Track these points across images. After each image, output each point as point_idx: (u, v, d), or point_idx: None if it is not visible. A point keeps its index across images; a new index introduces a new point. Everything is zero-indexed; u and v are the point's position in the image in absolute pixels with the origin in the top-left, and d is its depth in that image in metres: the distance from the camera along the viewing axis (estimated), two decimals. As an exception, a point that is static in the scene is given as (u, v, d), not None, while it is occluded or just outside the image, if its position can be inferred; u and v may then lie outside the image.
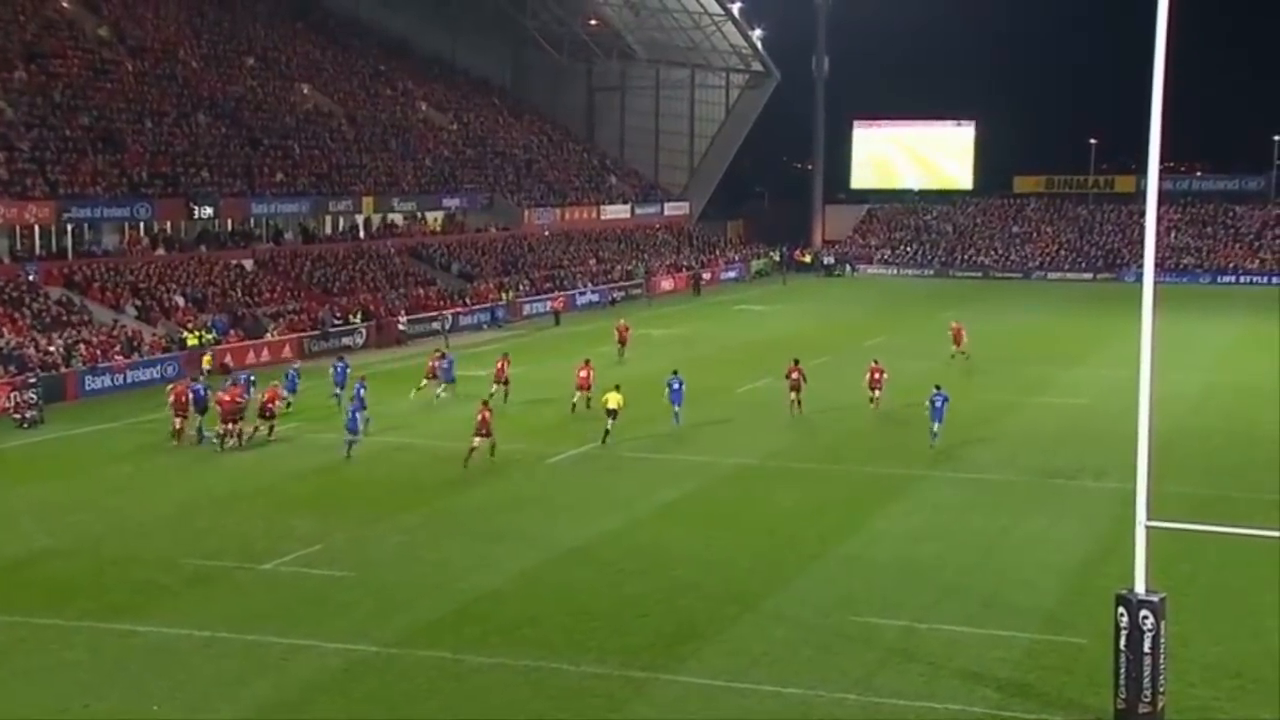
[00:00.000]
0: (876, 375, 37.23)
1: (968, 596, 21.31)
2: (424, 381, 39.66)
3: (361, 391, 34.06)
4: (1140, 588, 15.91)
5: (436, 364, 39.96)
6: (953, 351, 46.55)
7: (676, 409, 34.93)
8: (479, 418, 30.51)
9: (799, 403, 36.66)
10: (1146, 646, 15.76)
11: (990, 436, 34.60)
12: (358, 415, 32.43)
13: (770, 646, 19.04)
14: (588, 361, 38.15)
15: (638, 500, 27.80)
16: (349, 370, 39.41)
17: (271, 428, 33.80)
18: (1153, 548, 16.07)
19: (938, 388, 33.19)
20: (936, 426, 32.28)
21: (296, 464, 31.57)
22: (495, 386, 37.91)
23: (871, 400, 37.04)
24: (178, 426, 33.44)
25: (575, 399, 37.13)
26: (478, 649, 18.90)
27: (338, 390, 38.42)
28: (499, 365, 39.27)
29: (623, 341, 46.97)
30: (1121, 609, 15.91)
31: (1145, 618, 15.75)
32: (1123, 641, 15.90)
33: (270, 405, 33.98)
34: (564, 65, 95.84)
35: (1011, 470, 30.50)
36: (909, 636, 19.47)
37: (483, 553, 23.83)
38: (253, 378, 38.27)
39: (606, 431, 32.91)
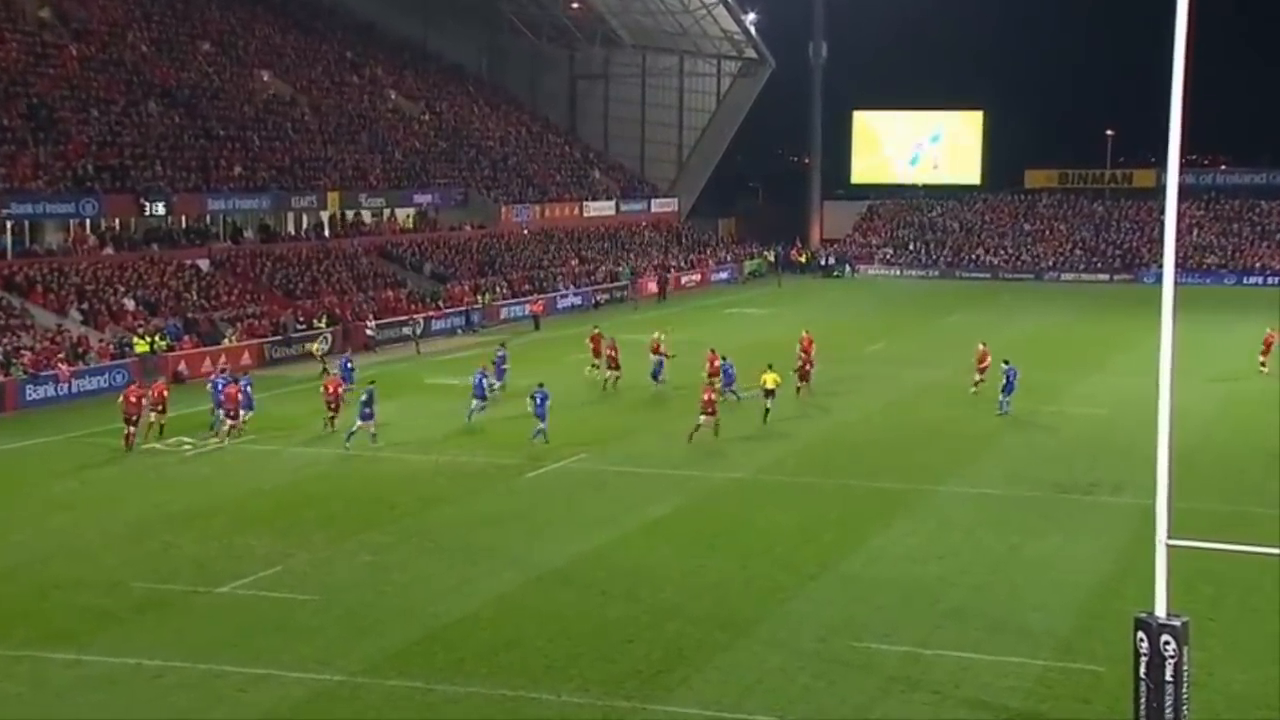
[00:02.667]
0: (985, 360, 40.66)
1: (976, 620, 21.36)
2: (595, 361, 44.02)
3: (483, 379, 37.80)
4: (1161, 611, 15.93)
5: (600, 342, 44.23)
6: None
7: (733, 389, 39.17)
8: (705, 397, 34.43)
9: (804, 388, 40.34)
10: (1168, 674, 15.77)
11: (1000, 448, 34.71)
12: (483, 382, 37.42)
13: (764, 674, 19.06)
14: (714, 350, 41.33)
15: (623, 517, 27.82)
16: (508, 360, 42.41)
17: (333, 419, 36.15)
18: (1174, 568, 16.10)
19: (1006, 362, 38.36)
20: (1007, 397, 37.71)
21: (256, 479, 31.51)
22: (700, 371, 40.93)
23: (975, 384, 40.37)
24: (129, 433, 34.32)
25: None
26: (451, 677, 18.88)
27: (496, 383, 40.35)
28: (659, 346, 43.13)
29: (656, 351, 44.22)
30: (1141, 634, 15.92)
31: (1167, 643, 15.77)
32: (1142, 669, 15.92)
33: (335, 396, 36.39)
34: (544, 51, 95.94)
35: (1022, 484, 30.58)
36: (913, 663, 19.51)
37: (457, 574, 23.82)
38: (350, 364, 41.90)
39: (766, 410, 36.59)
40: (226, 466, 32.96)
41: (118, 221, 56.04)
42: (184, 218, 58.52)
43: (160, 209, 55.73)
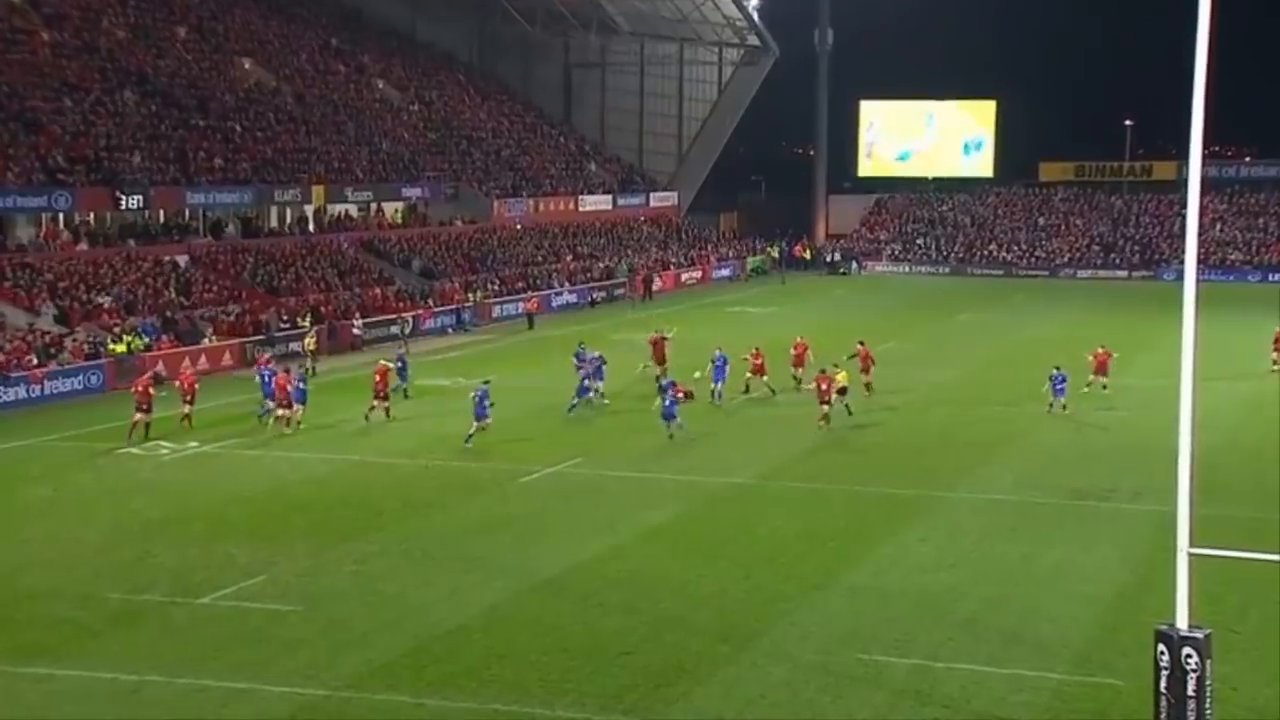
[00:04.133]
0: (1103, 360, 41.77)
1: (988, 632, 21.36)
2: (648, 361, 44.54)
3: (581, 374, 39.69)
4: (1182, 622, 15.92)
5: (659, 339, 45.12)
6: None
7: (718, 386, 40.45)
8: (823, 386, 35.85)
9: (867, 385, 40.95)
10: (1190, 688, 15.76)
11: (1014, 453, 34.70)
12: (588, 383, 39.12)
13: (768, 688, 19.06)
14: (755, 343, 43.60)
15: (620, 524, 27.81)
16: (604, 364, 42.04)
17: (387, 409, 37.52)
18: (1196, 578, 16.10)
19: (1057, 368, 39.41)
20: (1061, 399, 38.95)
21: (237, 485, 31.50)
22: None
23: (1090, 385, 40.98)
24: (136, 420, 35.15)
25: (797, 374, 42.30)
26: (441, 692, 18.88)
27: (587, 382, 40.87)
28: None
29: (761, 369, 43.03)
30: (1162, 646, 15.91)
31: (1188, 656, 15.76)
32: (1163, 683, 15.90)
33: (384, 385, 37.48)
34: (538, 39, 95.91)
35: (1037, 491, 30.59)
36: (923, 676, 19.50)
37: (447, 584, 23.81)
38: (404, 355, 43.07)
39: (846, 407, 37.58)
40: (206, 472, 32.96)
41: (92, 215, 56.04)
42: (162, 212, 58.48)
43: (137, 202, 55.67)
